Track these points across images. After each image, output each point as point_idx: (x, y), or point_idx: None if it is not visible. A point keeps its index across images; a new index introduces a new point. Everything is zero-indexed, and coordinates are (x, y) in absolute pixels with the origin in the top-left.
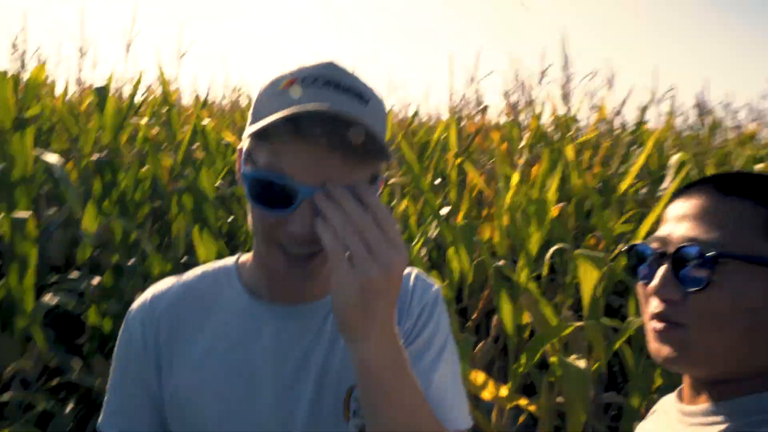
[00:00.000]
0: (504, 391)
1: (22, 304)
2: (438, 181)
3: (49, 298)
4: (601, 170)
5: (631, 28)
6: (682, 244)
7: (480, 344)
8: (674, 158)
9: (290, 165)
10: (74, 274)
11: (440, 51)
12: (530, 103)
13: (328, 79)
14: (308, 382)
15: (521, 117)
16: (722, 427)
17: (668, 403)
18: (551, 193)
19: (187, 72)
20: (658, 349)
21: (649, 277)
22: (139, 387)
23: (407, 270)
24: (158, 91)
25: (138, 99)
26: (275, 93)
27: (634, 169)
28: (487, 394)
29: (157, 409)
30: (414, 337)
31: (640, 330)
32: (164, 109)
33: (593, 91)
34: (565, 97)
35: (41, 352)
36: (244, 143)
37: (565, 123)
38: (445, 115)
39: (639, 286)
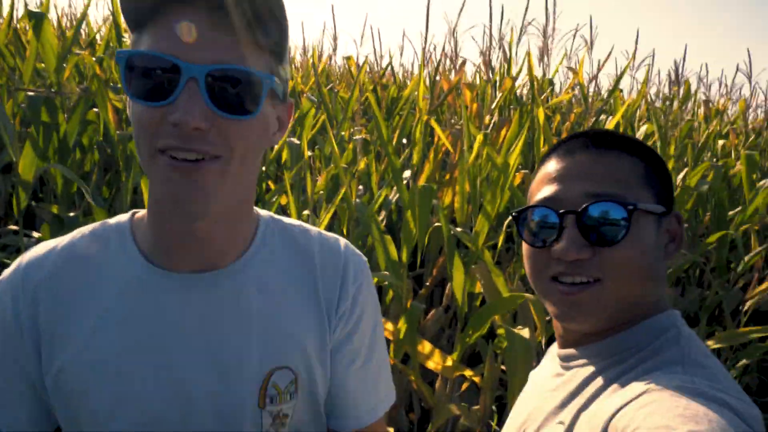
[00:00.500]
0: (449, 361)
1: None
2: (405, 140)
3: None
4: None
5: None
6: (589, 202)
7: (431, 312)
8: (642, 129)
9: (170, 43)
10: (11, 227)
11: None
12: (507, 61)
13: None
14: (215, 364)
15: (497, 76)
16: (591, 367)
17: (552, 349)
18: (513, 157)
19: None
20: (569, 307)
21: (540, 239)
22: (14, 372)
23: (337, 240)
24: (110, 20)
25: (87, 29)
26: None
27: None
28: (432, 364)
29: (37, 396)
30: (354, 319)
31: None
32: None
33: (572, 52)
34: (543, 58)
35: None
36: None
37: (540, 85)
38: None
39: (531, 250)
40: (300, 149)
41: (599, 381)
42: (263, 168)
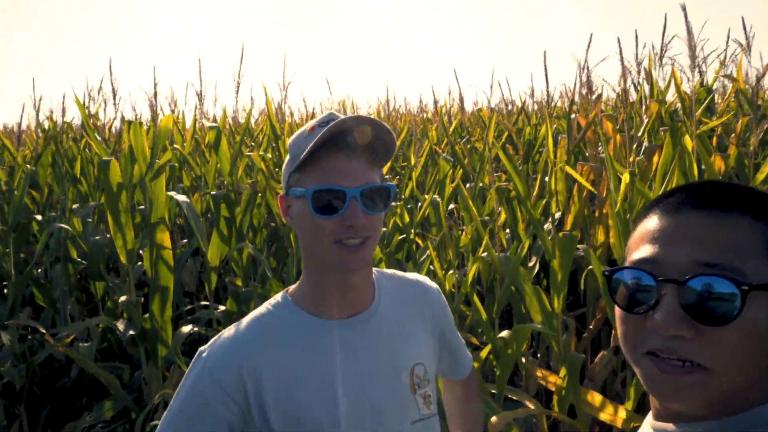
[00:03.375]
0: (622, 412)
1: (163, 334)
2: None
3: (186, 329)
4: (737, 151)
5: None
6: (696, 272)
7: (599, 356)
8: None
9: (334, 175)
10: (204, 303)
11: (542, 42)
12: (650, 83)
13: (334, 118)
14: (383, 374)
15: (638, 101)
16: None
17: (648, 418)
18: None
19: (294, 98)
20: (669, 390)
21: (635, 305)
22: (219, 426)
23: (417, 277)
24: (267, 124)
25: (252, 130)
26: (303, 137)
27: None
28: (605, 416)
29: None
30: (442, 321)
31: None
32: (274, 139)
33: (728, 60)
34: (692, 70)
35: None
36: (286, 184)
37: (694, 100)
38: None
39: (624, 315)
40: (439, 206)
41: None
42: (413, 229)
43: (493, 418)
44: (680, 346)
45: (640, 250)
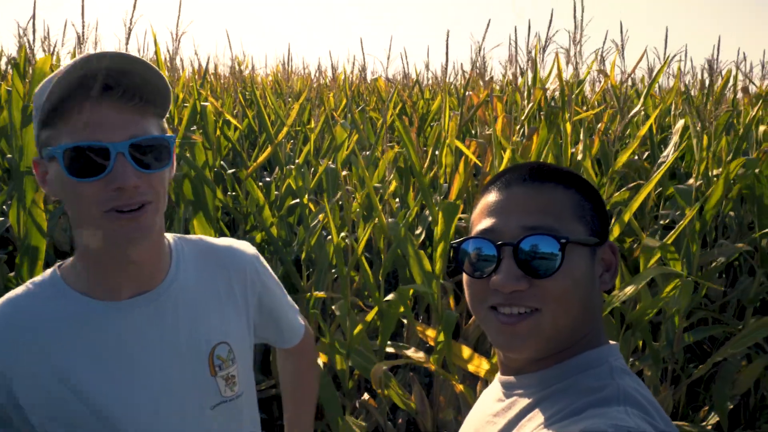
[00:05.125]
0: (486, 365)
1: None
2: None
3: None
4: (601, 139)
5: None
6: (526, 234)
7: (473, 318)
8: (679, 123)
9: (94, 128)
10: None
11: (446, 21)
12: (534, 71)
13: (90, 58)
14: (174, 359)
15: (522, 86)
16: (534, 395)
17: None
18: None
19: (187, 51)
20: (510, 337)
21: (481, 270)
22: None
23: (231, 243)
24: None
25: None
26: (52, 83)
27: (635, 141)
28: (472, 367)
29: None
30: (258, 289)
31: None
32: None
33: (604, 56)
34: (573, 63)
35: None
36: (37, 144)
37: (570, 90)
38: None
39: (470, 280)
40: (336, 173)
41: (536, 414)
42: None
43: (374, 368)
44: (518, 298)
45: (481, 222)
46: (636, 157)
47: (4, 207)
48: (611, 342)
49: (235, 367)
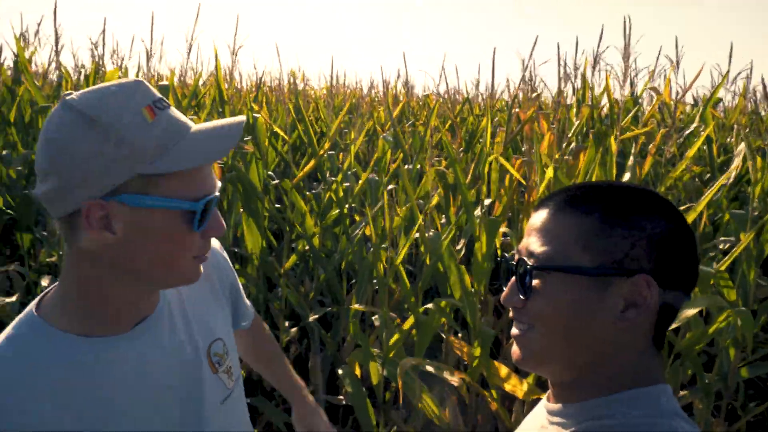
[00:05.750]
0: (525, 385)
1: None
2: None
3: None
4: (653, 159)
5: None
6: (522, 257)
7: (511, 339)
8: (741, 146)
9: (209, 180)
10: None
11: (495, 40)
12: (583, 88)
13: (161, 98)
14: (183, 373)
15: (573, 105)
16: (573, 426)
17: (542, 401)
18: None
19: (245, 64)
20: (513, 350)
21: (504, 286)
22: None
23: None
24: (214, 87)
25: (199, 92)
26: (146, 124)
27: (687, 158)
28: (509, 386)
29: None
30: (234, 282)
31: None
32: (220, 105)
33: (657, 74)
34: (624, 80)
35: None
36: (108, 185)
37: (623, 108)
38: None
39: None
40: (378, 184)
41: None
42: (350, 203)
43: (401, 362)
44: (516, 314)
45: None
46: (697, 180)
47: None
48: (661, 385)
49: (229, 358)
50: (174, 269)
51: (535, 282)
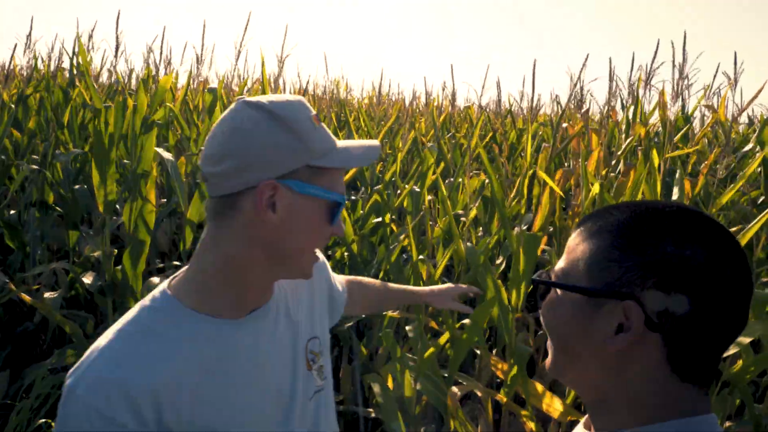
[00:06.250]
0: (559, 405)
1: (134, 286)
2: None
3: (155, 279)
4: (704, 179)
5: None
6: (550, 272)
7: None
8: None
9: (341, 186)
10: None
11: (540, 54)
12: (635, 104)
13: (315, 113)
14: (284, 364)
15: (624, 121)
16: None
17: (580, 427)
18: None
19: (291, 72)
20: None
21: None
22: None
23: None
24: (259, 94)
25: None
26: (314, 128)
27: (740, 181)
28: (545, 406)
29: None
30: (327, 282)
31: None
32: None
33: (712, 92)
34: (675, 97)
35: None
36: (282, 169)
37: (674, 126)
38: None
39: None
40: (420, 196)
41: None
42: (391, 213)
43: (450, 390)
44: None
45: None
46: (749, 204)
47: (117, 206)
48: (702, 416)
49: (323, 357)
50: (302, 259)
51: (549, 296)
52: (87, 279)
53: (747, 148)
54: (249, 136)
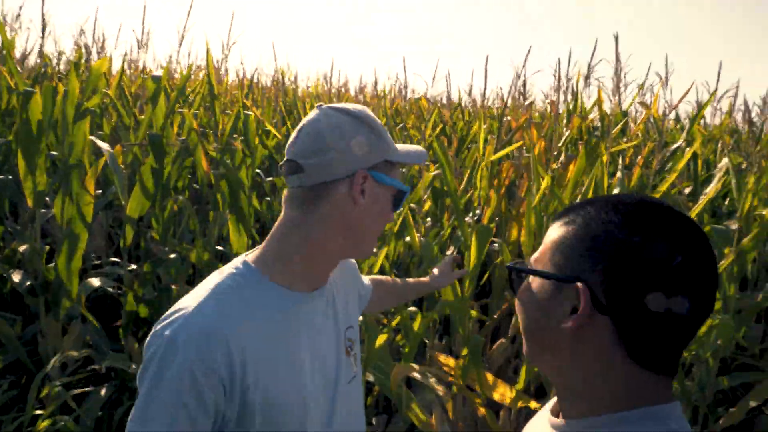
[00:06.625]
0: (512, 392)
1: (68, 286)
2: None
3: (95, 282)
4: (641, 171)
5: (693, 26)
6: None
7: (497, 343)
8: (723, 161)
9: (403, 179)
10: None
11: (487, 47)
12: (575, 100)
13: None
14: (332, 344)
15: (564, 115)
16: None
17: (546, 409)
18: (579, 195)
19: (235, 60)
20: None
21: None
22: (206, 418)
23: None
24: (206, 81)
25: (188, 88)
26: (385, 131)
27: (673, 174)
28: (496, 395)
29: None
30: (358, 276)
31: None
32: (209, 100)
33: (646, 89)
34: (614, 93)
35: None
36: (367, 160)
37: (612, 120)
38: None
39: None
40: None
41: None
42: None
43: (393, 371)
44: None
45: None
46: (680, 195)
47: (47, 198)
48: (674, 402)
49: (357, 346)
50: (373, 240)
51: (522, 284)
52: (15, 277)
53: (676, 145)
54: (346, 133)
